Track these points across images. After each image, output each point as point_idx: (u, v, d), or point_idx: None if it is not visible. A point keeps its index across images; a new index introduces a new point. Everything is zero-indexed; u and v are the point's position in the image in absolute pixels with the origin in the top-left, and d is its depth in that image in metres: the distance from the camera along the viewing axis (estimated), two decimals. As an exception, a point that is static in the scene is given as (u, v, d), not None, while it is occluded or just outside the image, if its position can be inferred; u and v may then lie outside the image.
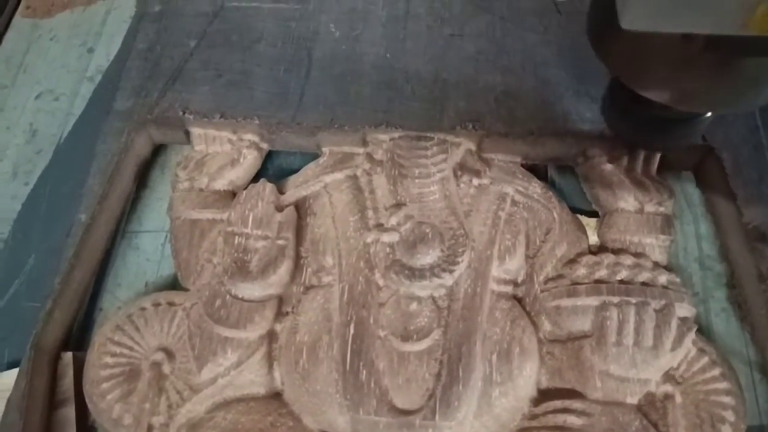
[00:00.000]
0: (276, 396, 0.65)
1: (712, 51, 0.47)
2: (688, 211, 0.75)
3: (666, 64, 0.52)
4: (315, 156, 0.77)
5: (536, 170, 0.76)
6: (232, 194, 0.74)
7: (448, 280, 0.65)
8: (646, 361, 0.61)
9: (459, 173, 0.73)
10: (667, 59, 0.52)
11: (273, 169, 0.80)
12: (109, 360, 0.65)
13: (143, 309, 0.68)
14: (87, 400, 0.64)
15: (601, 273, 0.66)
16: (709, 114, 0.63)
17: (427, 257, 0.66)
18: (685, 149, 0.73)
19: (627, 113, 0.65)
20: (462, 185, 0.72)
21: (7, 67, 0.90)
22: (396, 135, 0.74)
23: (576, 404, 0.61)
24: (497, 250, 0.68)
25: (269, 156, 0.79)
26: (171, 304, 0.68)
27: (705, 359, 0.63)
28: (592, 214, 0.75)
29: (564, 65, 0.79)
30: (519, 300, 0.67)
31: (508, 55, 0.80)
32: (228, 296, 0.66)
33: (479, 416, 0.61)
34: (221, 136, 0.76)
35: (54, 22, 0.94)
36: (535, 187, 0.73)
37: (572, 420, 0.60)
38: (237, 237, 0.69)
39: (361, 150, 0.76)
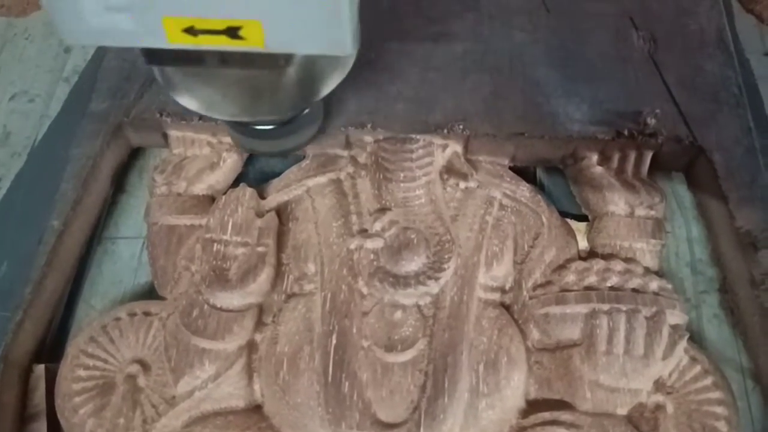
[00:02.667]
0: (256, 409, 0.63)
1: (152, 63, 0.49)
2: (680, 215, 0.74)
3: (186, 74, 0.54)
4: (297, 159, 0.75)
5: (525, 173, 0.74)
6: (212, 199, 0.72)
7: (433, 287, 0.63)
8: (636, 370, 0.60)
9: (445, 176, 0.71)
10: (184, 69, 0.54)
11: (254, 173, 0.77)
12: (82, 373, 0.63)
13: (118, 319, 0.65)
14: (59, 415, 0.61)
15: (591, 279, 0.65)
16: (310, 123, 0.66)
17: (412, 264, 0.64)
18: (681, 150, 0.72)
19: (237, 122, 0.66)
20: (448, 189, 0.70)
21: (-19, 67, 0.87)
22: (380, 137, 0.72)
23: (565, 416, 0.60)
24: (484, 256, 0.66)
25: (250, 159, 0.77)
26: (147, 314, 0.66)
27: (697, 368, 0.62)
28: (582, 218, 0.73)
29: (553, 65, 0.77)
30: (507, 307, 0.66)
31: (496, 54, 0.78)
32: (206, 306, 0.63)
33: (465, 429, 0.59)
34: (200, 138, 0.74)
35: (29, 21, 0.92)
36: (524, 191, 0.71)
37: (561, 432, 0.59)
38: (215, 244, 0.66)
39: (344, 152, 0.74)
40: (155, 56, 0.47)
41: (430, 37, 0.80)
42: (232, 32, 0.41)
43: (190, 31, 0.41)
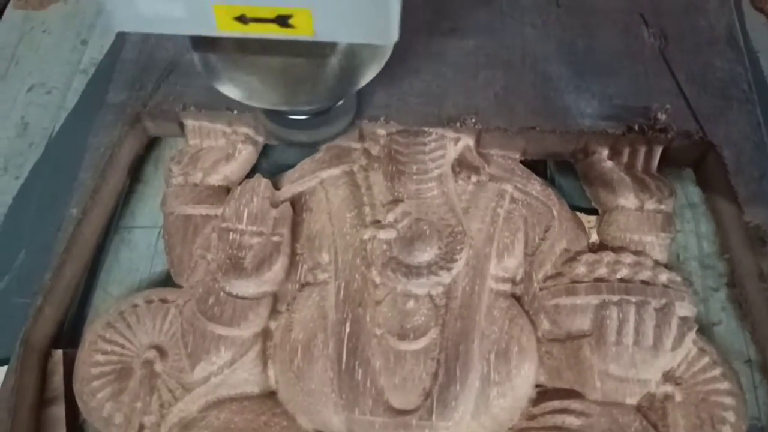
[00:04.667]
0: (270, 395, 0.64)
1: (199, 51, 0.50)
2: (689, 209, 0.74)
3: (228, 62, 0.55)
4: (311, 151, 0.76)
5: (536, 167, 0.75)
6: (227, 189, 0.73)
7: (445, 278, 0.64)
8: (645, 360, 0.60)
9: (457, 170, 0.72)
10: (228, 57, 0.54)
11: (268, 165, 0.78)
12: (99, 358, 0.64)
13: (135, 306, 0.66)
14: (77, 399, 0.62)
15: (601, 271, 0.65)
16: (340, 105, 0.66)
17: (425, 255, 0.65)
18: (692, 145, 0.72)
19: (272, 112, 0.66)
20: (460, 182, 0.71)
21: (-1, 59, 0.88)
22: (393, 130, 0.73)
23: (575, 404, 0.60)
24: (496, 248, 0.67)
25: (264, 151, 0.78)
26: (164, 301, 0.67)
27: (705, 359, 0.63)
28: (592, 211, 0.74)
29: (564, 60, 0.78)
30: (517, 298, 0.66)
31: (508, 50, 0.79)
32: (222, 293, 0.65)
33: (477, 416, 0.60)
34: (216, 129, 0.75)
35: (47, 13, 0.93)
36: (535, 185, 0.72)
37: (571, 420, 0.60)
38: (231, 233, 0.67)
39: (358, 145, 0.75)
40: (202, 44, 0.47)
41: (442, 33, 0.81)
42: (283, 20, 0.41)
43: (241, 19, 0.41)
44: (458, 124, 0.72)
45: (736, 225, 0.69)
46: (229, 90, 0.56)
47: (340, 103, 0.66)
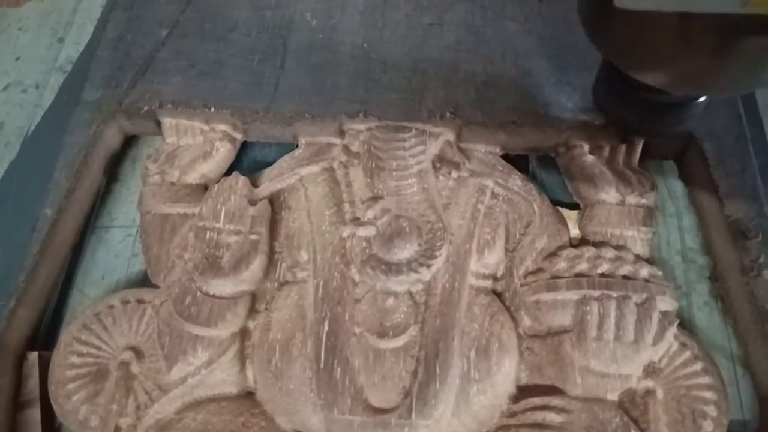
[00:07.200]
0: (248, 395, 0.63)
1: (711, 31, 0.45)
2: (671, 203, 0.74)
3: (662, 47, 0.50)
4: (290, 148, 0.75)
5: (517, 162, 0.75)
6: (204, 188, 0.72)
7: (425, 274, 0.63)
8: (626, 356, 0.60)
9: (438, 165, 0.71)
10: (663, 41, 0.49)
11: (247, 162, 0.77)
12: (75, 360, 0.63)
13: (111, 307, 0.65)
14: (52, 402, 0.61)
15: (582, 266, 0.65)
16: (703, 98, 0.61)
17: (405, 251, 0.64)
18: (670, 137, 0.72)
19: (619, 97, 0.63)
20: (441, 177, 0.71)
21: (-26, 58, 0.87)
22: (373, 125, 0.72)
23: (555, 401, 0.60)
24: (476, 244, 0.66)
25: (243, 148, 0.77)
26: (140, 301, 0.66)
27: (687, 354, 0.62)
28: (574, 206, 0.73)
29: (545, 55, 0.77)
30: (498, 295, 0.66)
31: (489, 44, 0.79)
32: (199, 293, 0.64)
33: (457, 414, 0.59)
34: (193, 126, 0.74)
35: (23, 11, 0.91)
36: (516, 180, 0.71)
37: (552, 417, 0.59)
38: (208, 232, 0.66)
39: (337, 141, 0.74)
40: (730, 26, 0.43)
41: (422, 27, 0.80)
42: None
43: None
44: (438, 115, 0.72)
45: (717, 219, 0.69)
46: (652, 77, 0.52)
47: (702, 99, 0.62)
